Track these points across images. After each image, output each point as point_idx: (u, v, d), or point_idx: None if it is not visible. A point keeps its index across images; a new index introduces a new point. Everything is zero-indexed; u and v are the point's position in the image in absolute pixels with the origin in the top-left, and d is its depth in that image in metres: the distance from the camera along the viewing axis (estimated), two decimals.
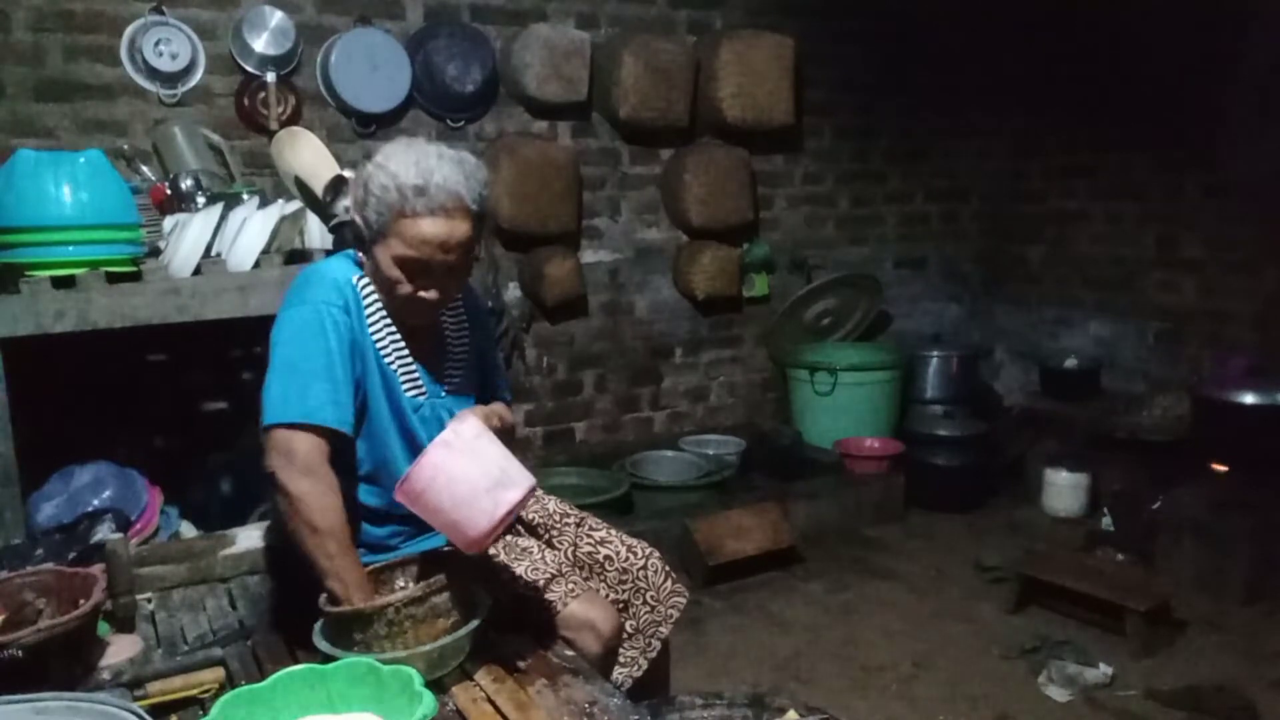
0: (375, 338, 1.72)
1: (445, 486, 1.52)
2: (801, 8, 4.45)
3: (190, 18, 3.27)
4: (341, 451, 1.67)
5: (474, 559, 1.74)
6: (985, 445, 4.27)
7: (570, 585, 1.82)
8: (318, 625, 1.58)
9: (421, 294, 1.66)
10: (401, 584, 1.70)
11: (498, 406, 1.89)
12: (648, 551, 2.00)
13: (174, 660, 1.67)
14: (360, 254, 1.74)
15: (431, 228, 1.59)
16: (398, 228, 1.60)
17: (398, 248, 1.61)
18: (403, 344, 1.75)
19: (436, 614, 1.56)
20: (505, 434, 1.90)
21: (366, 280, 1.74)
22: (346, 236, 2.29)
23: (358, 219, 1.67)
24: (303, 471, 1.56)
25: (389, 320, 1.74)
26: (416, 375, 1.77)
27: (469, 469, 1.53)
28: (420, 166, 1.58)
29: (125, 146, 3.16)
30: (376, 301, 1.73)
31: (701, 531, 3.49)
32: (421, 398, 1.77)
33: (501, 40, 3.82)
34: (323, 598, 1.58)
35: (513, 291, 3.97)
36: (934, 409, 4.40)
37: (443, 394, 1.82)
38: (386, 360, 1.73)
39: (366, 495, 1.76)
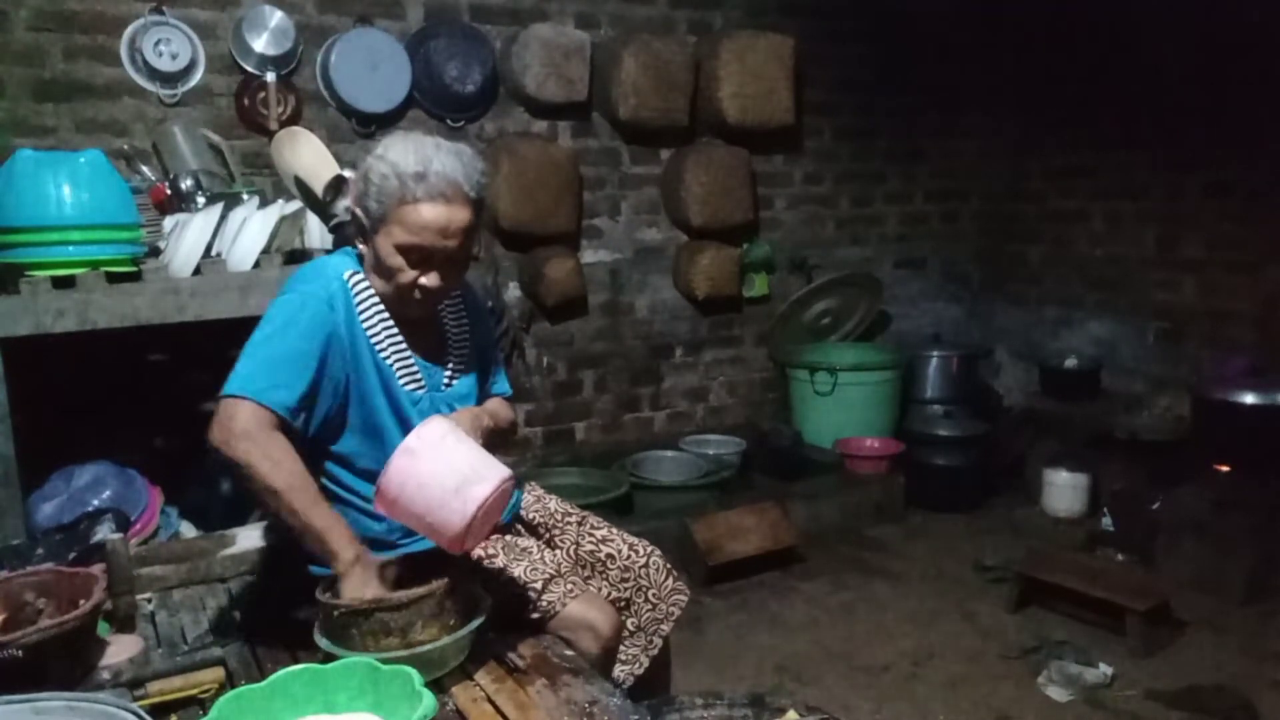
0: (370, 333, 1.72)
1: (416, 492, 1.50)
2: (801, 8, 4.45)
3: (190, 18, 3.27)
4: (325, 440, 1.69)
5: (472, 558, 1.74)
6: (985, 445, 4.27)
7: (570, 585, 1.82)
8: (317, 623, 1.58)
9: (423, 280, 1.67)
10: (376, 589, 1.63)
11: (491, 404, 1.90)
12: (649, 550, 2.01)
13: (174, 660, 1.67)
14: (360, 247, 1.75)
15: (431, 213, 1.61)
16: (398, 214, 1.62)
17: (399, 235, 1.63)
18: (400, 339, 1.76)
19: (417, 623, 1.52)
20: (503, 432, 1.90)
21: (361, 276, 1.74)
22: (346, 236, 2.29)
23: (358, 211, 1.69)
24: (240, 436, 1.53)
25: (386, 315, 1.74)
26: (416, 370, 1.77)
27: (436, 471, 1.51)
28: (419, 155, 1.62)
29: (125, 146, 3.16)
30: (372, 297, 1.74)
31: (701, 531, 3.49)
32: (421, 392, 1.77)
33: (501, 40, 3.82)
34: (318, 590, 1.58)
35: (513, 291, 3.97)
36: (934, 409, 4.40)
37: (443, 389, 1.82)
38: (383, 355, 1.73)
39: (368, 491, 1.75)
